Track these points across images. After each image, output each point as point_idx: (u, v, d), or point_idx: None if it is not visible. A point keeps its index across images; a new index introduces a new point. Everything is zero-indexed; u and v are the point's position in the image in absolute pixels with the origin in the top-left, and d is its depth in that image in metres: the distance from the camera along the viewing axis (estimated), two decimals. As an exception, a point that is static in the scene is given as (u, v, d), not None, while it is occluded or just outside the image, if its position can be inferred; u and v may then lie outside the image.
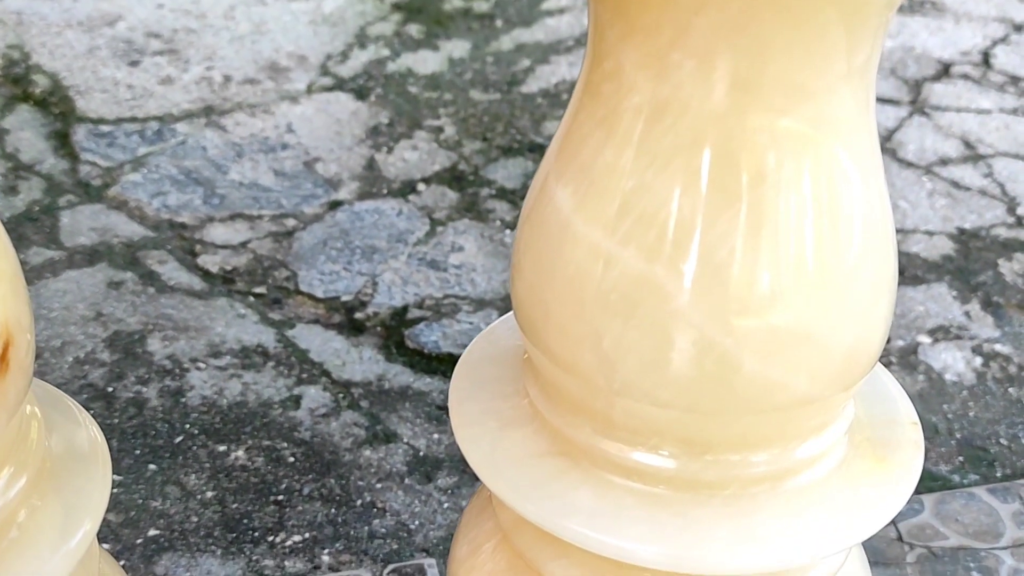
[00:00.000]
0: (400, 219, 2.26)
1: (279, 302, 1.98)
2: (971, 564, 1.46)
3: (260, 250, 2.13)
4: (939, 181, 2.45)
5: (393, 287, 2.04)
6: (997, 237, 2.28)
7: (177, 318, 1.91)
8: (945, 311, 2.06)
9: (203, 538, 1.46)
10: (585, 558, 0.64)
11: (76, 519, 0.58)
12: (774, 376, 0.55)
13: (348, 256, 2.12)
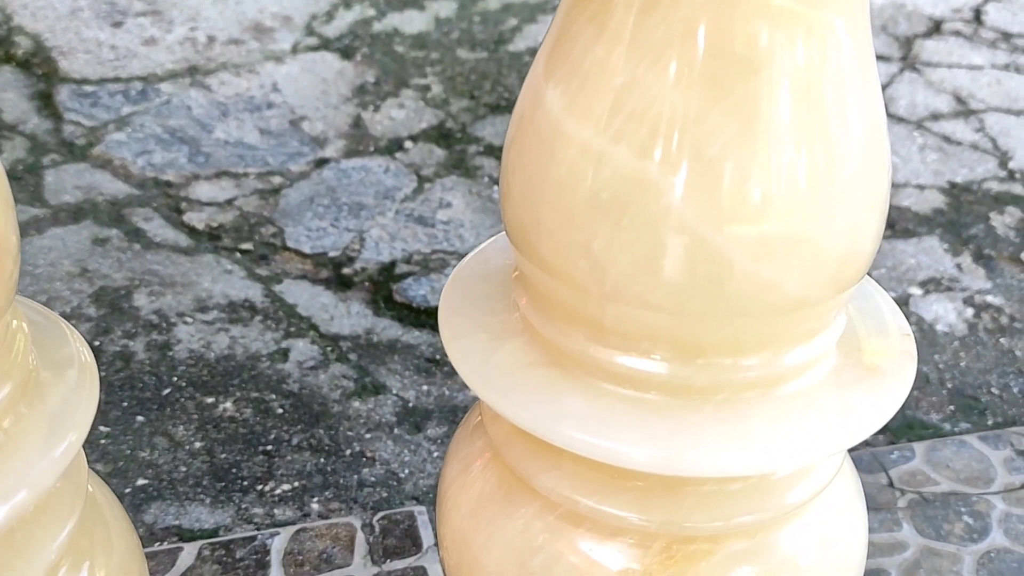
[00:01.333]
0: (387, 176, 2.24)
1: (266, 258, 1.96)
2: (962, 508, 1.46)
3: (246, 207, 2.11)
4: (930, 136, 2.44)
5: (381, 243, 2.02)
6: (989, 191, 2.27)
7: (163, 274, 1.89)
8: (936, 263, 2.05)
9: (192, 487, 1.45)
10: (576, 469, 0.63)
11: (62, 429, 0.57)
12: (765, 275, 0.54)
13: (335, 212, 2.11)
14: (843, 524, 0.68)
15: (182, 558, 1.32)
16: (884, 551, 1.38)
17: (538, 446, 0.65)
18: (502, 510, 0.67)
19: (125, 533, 0.69)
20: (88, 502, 0.67)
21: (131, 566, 0.67)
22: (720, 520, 0.62)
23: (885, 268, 2.02)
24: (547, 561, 0.64)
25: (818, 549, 0.66)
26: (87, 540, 0.64)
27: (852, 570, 0.69)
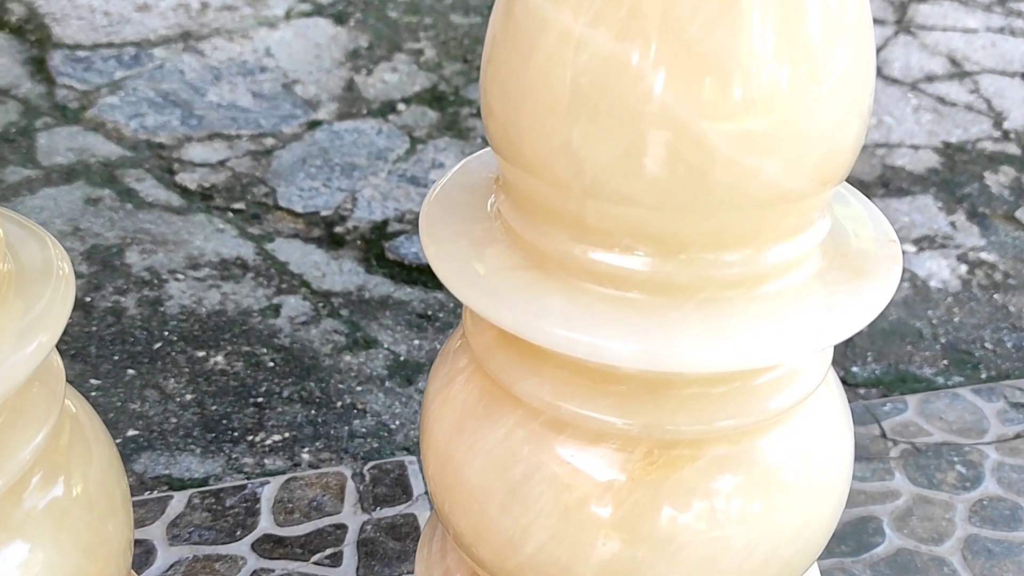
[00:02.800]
0: (380, 138, 2.23)
1: (258, 217, 1.96)
2: (955, 458, 1.46)
3: (239, 168, 2.10)
4: (925, 97, 2.43)
5: (373, 202, 2.02)
6: (983, 150, 2.26)
7: (155, 232, 1.89)
8: (930, 221, 2.05)
9: (182, 438, 1.44)
10: (558, 375, 0.62)
11: (33, 329, 0.56)
12: (747, 163, 0.53)
13: (327, 173, 2.10)
14: (827, 436, 0.67)
15: (172, 506, 1.31)
16: (876, 499, 1.38)
17: (520, 353, 0.65)
18: (484, 421, 0.67)
19: (107, 456, 0.69)
20: (70, 420, 0.67)
21: (112, 489, 0.67)
22: (702, 424, 0.61)
23: (879, 226, 2.01)
24: (529, 469, 0.64)
25: (802, 459, 0.66)
26: (64, 457, 0.64)
27: (836, 483, 0.68)
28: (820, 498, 0.67)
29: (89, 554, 0.62)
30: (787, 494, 0.65)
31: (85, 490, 0.64)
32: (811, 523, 0.67)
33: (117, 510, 0.66)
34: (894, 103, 2.41)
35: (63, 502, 0.61)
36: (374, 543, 1.27)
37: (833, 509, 0.69)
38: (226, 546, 1.25)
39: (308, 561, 1.24)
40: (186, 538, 1.26)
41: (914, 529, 1.34)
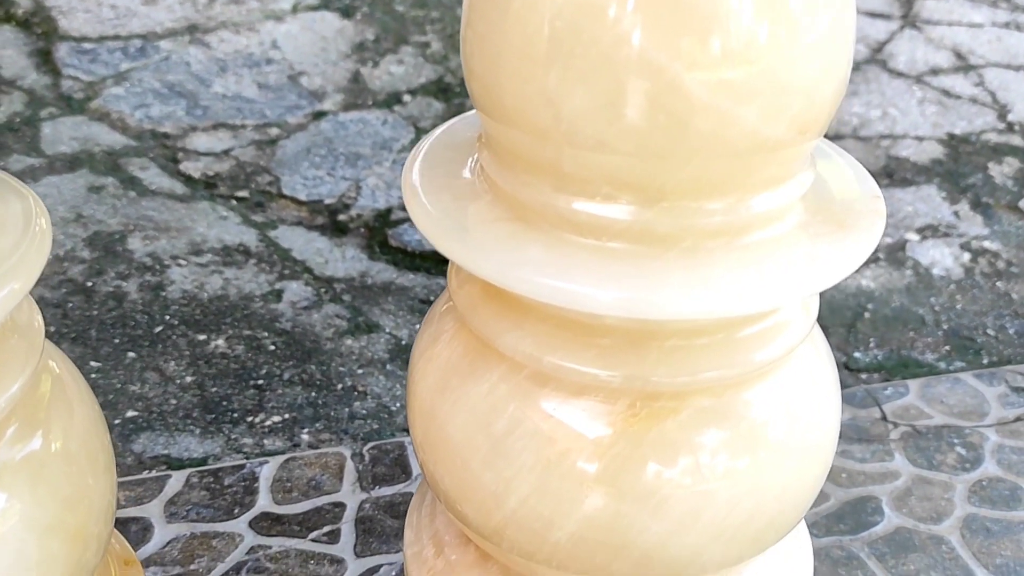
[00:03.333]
0: (385, 128, 2.23)
1: (262, 205, 1.96)
2: (955, 440, 1.45)
3: (243, 157, 2.11)
4: (929, 90, 2.43)
5: (377, 191, 2.02)
6: (988, 142, 2.26)
7: (158, 219, 1.89)
8: (934, 211, 2.04)
9: (181, 419, 1.45)
10: (541, 328, 0.62)
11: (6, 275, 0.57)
12: (724, 109, 0.53)
13: (332, 162, 2.10)
14: (812, 393, 0.67)
15: (170, 485, 1.32)
16: (875, 480, 1.38)
17: (503, 307, 0.65)
18: (467, 377, 0.67)
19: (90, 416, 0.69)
20: (52, 378, 0.67)
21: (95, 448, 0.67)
22: (685, 375, 0.61)
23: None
24: (512, 423, 0.64)
25: (786, 416, 0.66)
26: (44, 412, 0.64)
27: (822, 442, 0.68)
28: (805, 456, 0.67)
29: (69, 506, 0.62)
30: (771, 451, 0.65)
31: (65, 446, 0.64)
32: (796, 482, 0.67)
33: (99, 468, 0.66)
34: (899, 95, 2.40)
35: (40, 455, 0.62)
36: (372, 521, 1.27)
37: (818, 469, 0.69)
38: (224, 523, 1.26)
39: (306, 538, 1.24)
40: (184, 516, 1.27)
41: (913, 508, 1.33)
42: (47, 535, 0.60)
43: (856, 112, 2.33)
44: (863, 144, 2.21)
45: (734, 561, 0.67)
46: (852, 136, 2.24)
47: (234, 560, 1.21)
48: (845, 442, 1.45)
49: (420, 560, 0.79)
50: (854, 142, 2.22)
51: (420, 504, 0.84)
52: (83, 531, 0.63)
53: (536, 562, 0.67)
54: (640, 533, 0.63)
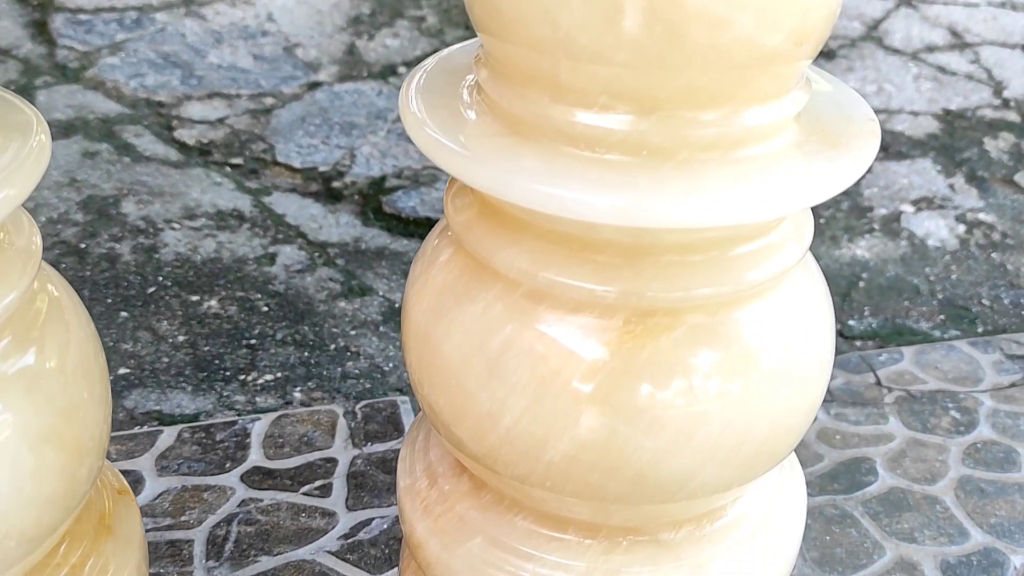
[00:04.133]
0: (380, 99, 2.23)
1: (256, 172, 1.96)
2: (949, 404, 1.45)
3: (237, 125, 2.10)
4: (925, 67, 2.42)
5: (372, 159, 2.01)
6: (983, 117, 2.26)
7: (152, 184, 1.89)
8: (929, 183, 2.04)
9: (173, 376, 1.44)
10: (535, 244, 0.62)
11: (2, 181, 0.56)
12: (719, 15, 0.53)
13: (326, 131, 2.10)
14: (805, 320, 0.67)
15: (161, 439, 1.31)
16: (869, 442, 1.38)
17: (500, 226, 0.64)
18: (463, 298, 0.66)
19: (86, 336, 0.69)
20: (48, 298, 0.67)
21: (90, 365, 0.67)
22: (680, 291, 0.61)
23: (877, 188, 2.01)
24: (507, 341, 0.64)
25: (779, 341, 0.65)
26: (38, 330, 0.63)
27: (814, 371, 0.68)
28: (798, 381, 0.67)
29: (64, 417, 0.61)
30: (765, 372, 0.64)
31: (60, 362, 0.64)
32: (789, 406, 0.67)
33: (95, 385, 0.66)
34: (894, 72, 2.40)
35: (36, 368, 0.61)
36: (364, 476, 1.26)
37: (811, 396, 0.69)
38: (215, 477, 1.25)
39: (297, 492, 1.24)
40: (175, 469, 1.26)
41: (907, 470, 1.33)
42: (42, 443, 0.60)
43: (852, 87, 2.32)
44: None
45: (727, 485, 0.67)
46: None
47: (225, 512, 1.21)
48: (839, 405, 1.45)
49: (413, 492, 0.78)
50: (850, 116, 2.21)
51: (414, 441, 0.83)
52: (78, 444, 0.62)
53: (530, 484, 0.67)
54: (634, 452, 0.62)
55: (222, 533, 1.17)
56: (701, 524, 0.74)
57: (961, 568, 1.19)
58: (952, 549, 1.21)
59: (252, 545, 1.16)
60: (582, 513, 0.69)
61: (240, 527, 1.18)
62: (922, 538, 1.23)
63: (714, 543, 0.74)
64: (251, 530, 1.18)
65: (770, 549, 0.76)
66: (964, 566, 1.19)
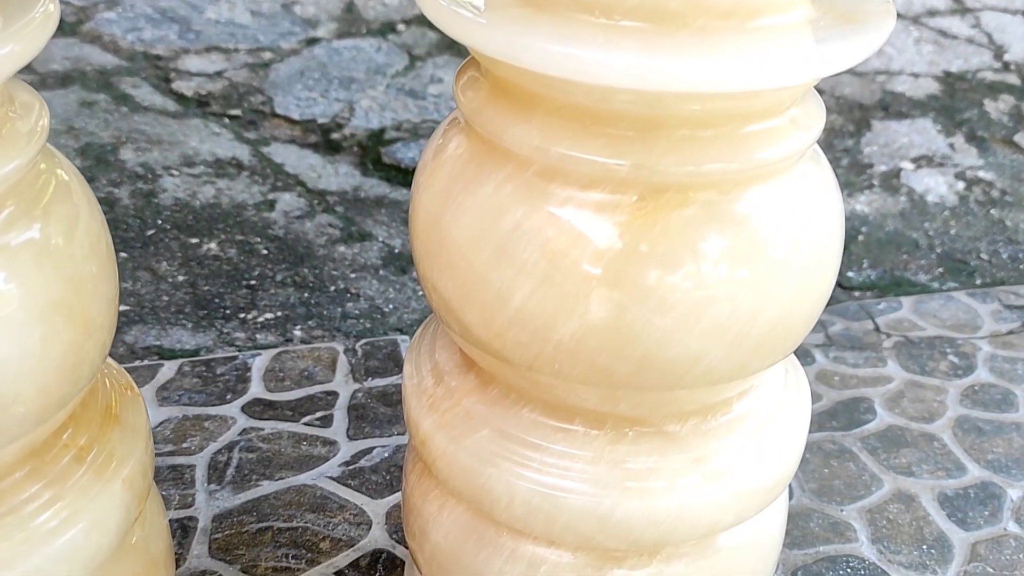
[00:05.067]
0: (379, 55, 2.22)
1: (254, 123, 1.95)
2: (948, 350, 1.46)
3: (236, 78, 2.09)
4: (926, 30, 2.42)
5: (371, 112, 2.01)
6: (983, 80, 2.26)
7: (151, 133, 1.88)
8: (929, 142, 2.04)
9: (173, 314, 1.44)
10: (548, 120, 0.62)
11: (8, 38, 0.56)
12: None
13: (325, 85, 2.09)
14: (813, 209, 0.67)
15: (162, 372, 1.31)
16: (868, 383, 1.38)
17: (511, 104, 0.64)
18: (473, 179, 0.66)
19: (97, 226, 0.68)
20: (55, 180, 0.67)
21: (100, 253, 0.66)
22: (691, 165, 0.61)
23: (877, 146, 2.01)
24: (517, 221, 0.64)
25: (788, 222, 0.65)
26: (43, 209, 0.63)
27: (823, 255, 0.68)
28: (807, 267, 0.67)
29: (73, 288, 0.61)
30: (773, 254, 0.64)
31: (68, 239, 0.63)
32: (798, 292, 0.67)
33: (103, 262, 0.66)
34: (895, 35, 2.40)
35: (41, 241, 0.61)
36: (365, 408, 1.26)
37: (820, 285, 0.69)
38: (216, 408, 1.25)
39: (298, 422, 1.24)
40: (176, 400, 1.26)
41: (905, 409, 1.34)
42: (51, 311, 0.59)
43: (852, 48, 2.32)
44: (859, 79, 2.21)
45: (735, 372, 0.67)
46: (847, 71, 2.24)
47: (226, 440, 1.21)
48: (837, 349, 1.45)
49: (420, 390, 0.78)
50: (849, 76, 2.22)
51: (419, 343, 0.83)
52: (85, 316, 0.62)
53: (537, 370, 0.67)
54: (643, 329, 0.62)
55: (223, 459, 1.17)
56: (707, 418, 0.74)
57: (959, 500, 1.19)
58: (950, 482, 1.22)
59: (254, 470, 1.16)
60: (589, 401, 0.69)
61: (241, 454, 1.18)
62: (920, 472, 1.23)
63: (719, 437, 0.74)
64: (252, 457, 1.18)
65: (773, 448, 0.76)
66: (961, 498, 1.19)
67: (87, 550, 0.68)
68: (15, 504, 0.65)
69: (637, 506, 0.71)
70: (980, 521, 1.16)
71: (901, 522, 1.16)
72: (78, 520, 0.67)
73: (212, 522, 1.09)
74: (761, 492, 0.75)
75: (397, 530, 1.09)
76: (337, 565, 1.05)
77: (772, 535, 0.83)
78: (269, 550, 1.06)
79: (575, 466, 0.71)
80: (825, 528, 1.14)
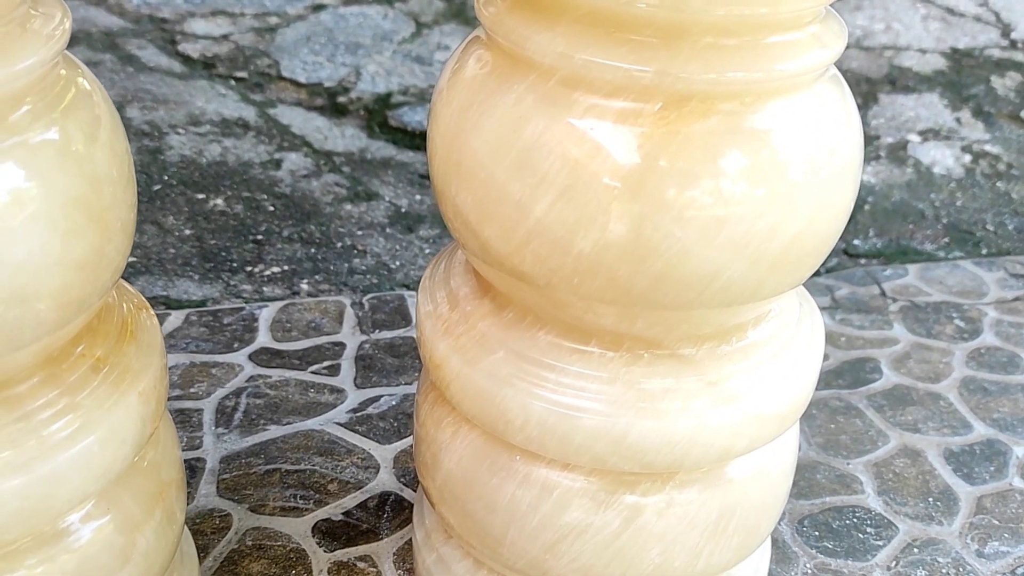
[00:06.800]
0: (386, 21, 2.22)
1: (260, 86, 1.95)
2: (954, 314, 1.46)
3: (242, 42, 2.09)
4: (933, 7, 2.42)
5: (377, 77, 2.01)
6: (990, 57, 2.26)
7: (157, 92, 1.88)
8: (936, 116, 2.04)
9: (180, 266, 1.44)
10: (572, 28, 0.62)
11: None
12: None
13: (331, 50, 2.09)
14: (834, 124, 0.67)
15: (169, 321, 1.31)
16: (874, 344, 1.38)
17: (535, 13, 0.64)
18: (495, 91, 0.66)
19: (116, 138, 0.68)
20: (78, 90, 0.66)
21: (122, 166, 0.66)
22: (714, 73, 0.61)
23: (884, 118, 2.01)
24: (539, 129, 0.63)
25: (809, 138, 0.65)
26: (60, 113, 0.63)
27: (842, 175, 0.68)
28: (826, 185, 0.67)
29: (94, 188, 0.61)
30: (791, 182, 0.64)
31: (88, 144, 0.63)
32: (817, 210, 0.67)
33: (124, 169, 0.65)
34: (903, 11, 2.40)
35: (62, 142, 0.61)
36: (372, 358, 1.26)
37: (839, 203, 0.69)
38: (223, 355, 1.25)
39: (306, 371, 1.24)
40: (183, 347, 1.26)
41: (911, 369, 1.34)
42: (72, 208, 0.59)
43: (860, 24, 2.32)
44: (866, 53, 2.21)
45: (751, 292, 0.67)
46: (855, 46, 2.24)
47: (234, 386, 1.20)
48: (844, 312, 1.45)
49: (435, 316, 0.78)
50: (857, 51, 2.21)
51: (433, 273, 0.83)
52: (105, 217, 0.62)
53: (554, 287, 0.67)
54: (663, 240, 0.62)
55: (231, 404, 1.17)
56: (721, 342, 0.74)
57: (964, 456, 1.19)
58: (955, 439, 1.22)
59: (261, 415, 1.16)
60: (606, 319, 0.69)
61: (249, 399, 1.18)
62: (926, 429, 1.23)
63: (734, 362, 0.74)
64: (260, 402, 1.18)
65: (787, 376, 0.76)
66: (967, 454, 1.20)
67: (102, 460, 0.67)
68: (31, 409, 0.65)
69: (652, 427, 0.71)
70: (985, 476, 1.16)
71: (907, 475, 1.16)
72: (93, 430, 0.67)
73: (220, 463, 1.09)
74: (774, 419, 0.75)
75: (405, 474, 1.09)
76: (345, 506, 1.05)
77: (783, 469, 0.83)
78: (277, 491, 1.06)
79: (591, 386, 0.71)
80: (831, 480, 1.14)
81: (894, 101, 2.06)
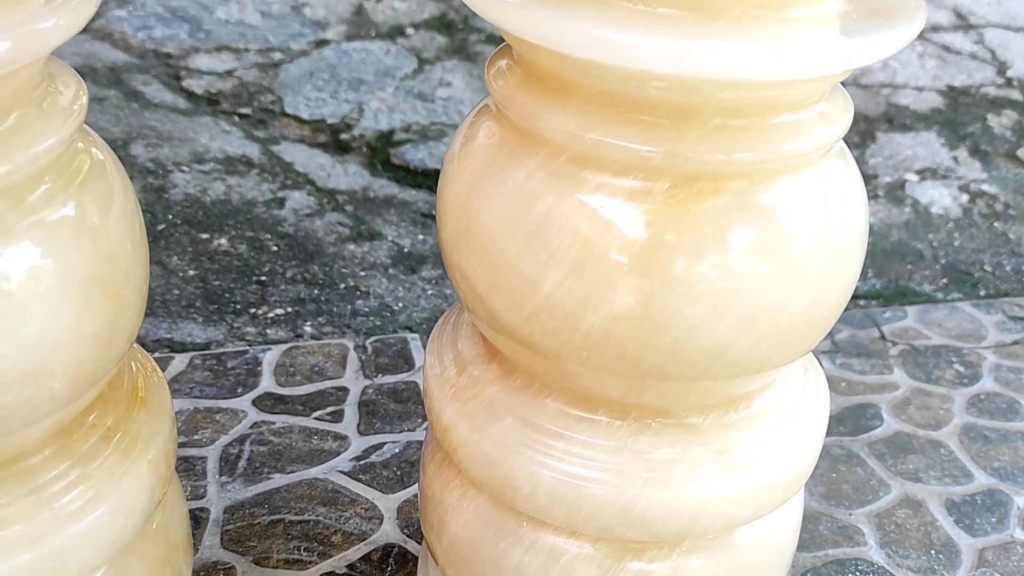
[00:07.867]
0: (388, 57, 2.23)
1: (264, 122, 1.96)
2: (953, 359, 1.46)
3: (246, 77, 2.10)
4: (930, 45, 2.44)
5: (380, 114, 2.02)
6: (986, 95, 2.27)
7: (161, 129, 1.89)
8: (933, 155, 2.05)
9: (184, 307, 1.44)
10: (583, 108, 0.62)
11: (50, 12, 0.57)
12: None
13: (334, 86, 2.10)
14: (841, 202, 0.68)
15: (172, 365, 1.31)
16: (874, 390, 1.39)
17: (546, 91, 0.65)
18: (505, 166, 0.67)
19: (130, 208, 0.69)
20: (92, 162, 0.67)
21: (134, 232, 0.67)
22: (722, 154, 0.62)
23: (881, 157, 2.02)
24: (549, 206, 0.64)
25: (815, 214, 0.66)
26: (76, 189, 0.63)
27: (848, 250, 0.69)
28: (829, 267, 0.67)
29: (109, 264, 0.62)
30: (799, 258, 0.65)
31: (103, 218, 0.64)
32: (821, 291, 0.67)
33: (137, 243, 0.66)
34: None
35: (78, 218, 0.61)
36: (375, 404, 1.27)
37: (844, 277, 0.70)
38: (227, 401, 1.26)
39: (309, 417, 1.24)
40: (187, 392, 1.26)
41: (912, 416, 1.34)
42: (88, 285, 0.60)
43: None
44: (863, 91, 2.23)
45: (758, 364, 0.67)
46: (852, 84, 2.25)
47: (237, 433, 1.21)
48: (844, 356, 1.46)
49: (442, 380, 0.79)
50: (854, 89, 2.23)
51: (440, 334, 0.84)
52: (120, 293, 0.62)
53: (564, 358, 0.67)
54: (672, 316, 0.63)
55: (235, 451, 1.18)
56: (728, 411, 0.74)
57: (965, 507, 1.20)
58: (957, 489, 1.23)
59: (265, 463, 1.16)
60: (614, 390, 0.70)
61: (253, 447, 1.18)
62: (927, 478, 1.24)
63: (740, 430, 0.74)
64: (264, 450, 1.18)
65: (793, 443, 0.76)
66: (968, 505, 1.20)
67: (112, 531, 0.68)
68: (43, 482, 0.65)
69: (659, 496, 0.71)
70: (987, 527, 1.17)
71: (909, 527, 1.16)
72: (104, 500, 0.67)
73: (224, 514, 1.09)
74: (780, 487, 0.76)
75: (409, 525, 1.10)
76: (349, 559, 1.05)
77: (789, 532, 0.83)
78: (281, 542, 1.06)
79: (598, 456, 0.72)
80: (834, 531, 1.15)
81: (892, 139, 2.08)
